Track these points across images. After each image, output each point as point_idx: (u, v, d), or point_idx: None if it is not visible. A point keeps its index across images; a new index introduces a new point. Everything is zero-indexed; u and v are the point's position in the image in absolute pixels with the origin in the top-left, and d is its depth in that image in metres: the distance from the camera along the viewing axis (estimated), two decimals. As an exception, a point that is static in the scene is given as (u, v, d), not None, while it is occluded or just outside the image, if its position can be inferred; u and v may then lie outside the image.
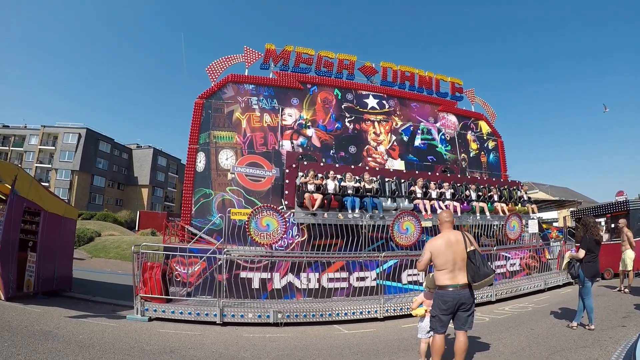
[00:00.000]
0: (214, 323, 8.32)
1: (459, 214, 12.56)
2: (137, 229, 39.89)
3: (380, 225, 11.55)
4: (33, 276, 9.56)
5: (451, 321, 4.72)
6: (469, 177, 14.74)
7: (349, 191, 11.54)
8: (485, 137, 16.85)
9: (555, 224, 34.14)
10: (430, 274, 5.11)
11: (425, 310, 5.30)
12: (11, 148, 62.16)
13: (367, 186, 11.86)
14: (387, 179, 12.69)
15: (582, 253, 7.23)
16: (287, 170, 12.15)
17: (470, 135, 16.43)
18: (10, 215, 8.62)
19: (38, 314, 7.71)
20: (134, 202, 67.09)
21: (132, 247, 9.17)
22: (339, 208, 11.46)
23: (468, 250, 4.60)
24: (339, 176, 11.92)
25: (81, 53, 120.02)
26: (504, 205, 13.68)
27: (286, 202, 11.99)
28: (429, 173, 14.07)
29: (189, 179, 12.18)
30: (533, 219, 14.06)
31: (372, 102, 14.73)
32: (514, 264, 13.52)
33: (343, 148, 13.85)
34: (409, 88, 15.84)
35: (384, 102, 14.90)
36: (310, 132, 13.56)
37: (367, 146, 14.28)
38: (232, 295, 9.36)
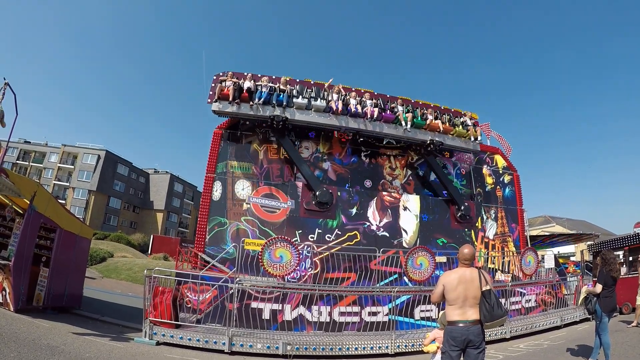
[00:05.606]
0: (222, 352, 8.28)
1: (378, 120, 13.20)
2: (149, 252, 40.08)
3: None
4: (44, 291, 9.66)
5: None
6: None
7: (263, 89, 12.40)
8: (500, 171, 16.74)
9: (572, 258, 33.55)
10: (443, 311, 5.06)
11: (437, 347, 5.23)
12: (31, 163, 63.59)
13: (282, 87, 12.73)
14: (307, 89, 13.34)
15: (599, 288, 7.12)
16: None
17: (485, 170, 16.32)
18: (27, 230, 8.78)
19: (46, 329, 7.75)
20: (148, 226, 67.71)
21: (145, 271, 9.26)
22: (248, 99, 12.22)
23: (483, 289, 4.54)
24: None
25: (111, 72, 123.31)
26: (439, 122, 14.01)
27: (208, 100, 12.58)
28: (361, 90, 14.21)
29: (204, 206, 12.25)
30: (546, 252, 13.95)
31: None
32: (530, 299, 13.25)
33: (359, 182, 13.85)
34: (425, 123, 15.86)
35: (401, 136, 14.94)
36: (326, 165, 13.62)
37: (383, 180, 14.25)
38: (241, 325, 9.30)
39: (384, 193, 13.93)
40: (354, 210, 13.33)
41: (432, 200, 14.60)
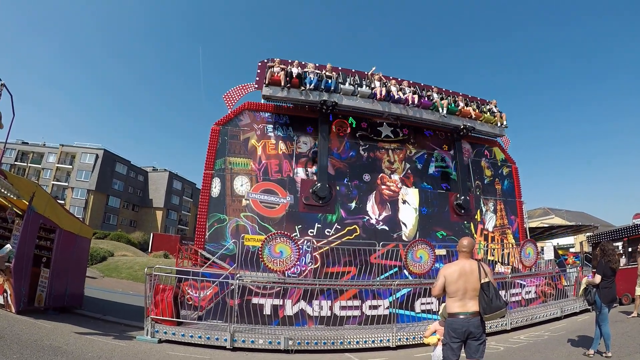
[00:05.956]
0: (224, 348, 8.30)
1: (417, 107, 13.99)
2: (150, 250, 40.11)
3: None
4: (45, 291, 9.63)
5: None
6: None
7: (310, 75, 12.91)
8: (499, 164, 16.77)
9: (571, 250, 33.65)
10: (445, 304, 5.07)
11: (438, 339, 5.26)
12: (29, 164, 63.51)
13: (328, 74, 13.24)
14: (351, 76, 14.02)
15: (598, 278, 7.15)
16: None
17: (484, 162, 16.36)
18: (26, 231, 8.73)
19: (48, 329, 7.73)
20: (148, 224, 67.71)
21: (145, 269, 9.26)
22: (299, 85, 12.70)
23: (482, 281, 4.56)
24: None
25: (104, 73, 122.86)
26: (470, 109, 14.92)
27: (256, 86, 13.71)
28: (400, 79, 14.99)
29: (203, 203, 12.26)
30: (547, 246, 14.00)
31: (386, 130, 14.78)
32: (530, 291, 13.29)
33: (357, 176, 13.86)
34: (423, 116, 15.88)
35: (398, 130, 14.95)
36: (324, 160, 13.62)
37: (381, 174, 14.27)
38: (243, 321, 9.33)
39: (383, 187, 13.95)
40: (353, 205, 13.36)
41: (431, 193, 14.63)
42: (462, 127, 14.69)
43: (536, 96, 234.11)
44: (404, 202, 14.03)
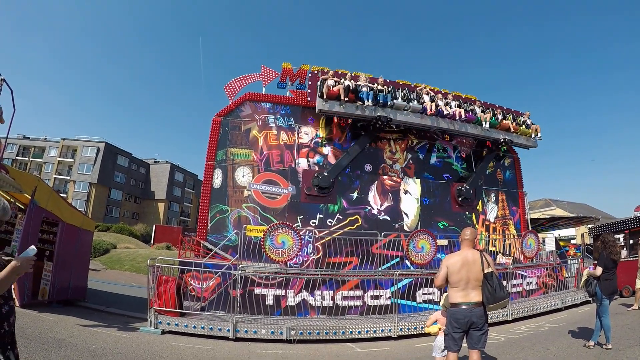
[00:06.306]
0: (226, 338, 8.32)
1: (463, 120, 14.19)
2: (152, 242, 40.17)
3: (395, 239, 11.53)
4: (48, 285, 9.70)
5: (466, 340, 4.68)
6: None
7: (364, 88, 12.90)
8: (501, 155, 16.72)
9: (573, 241, 33.67)
10: (446, 294, 5.08)
11: (439, 329, 5.27)
12: (31, 159, 63.61)
13: (380, 87, 13.24)
14: (397, 89, 13.91)
15: (599, 270, 7.14)
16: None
17: (486, 153, 16.31)
18: (29, 225, 8.77)
19: (52, 322, 7.80)
20: (150, 216, 67.91)
21: (148, 261, 9.27)
22: (355, 100, 12.74)
23: (485, 272, 4.56)
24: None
25: (103, 69, 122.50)
26: (509, 122, 15.19)
27: (309, 98, 13.60)
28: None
29: (205, 195, 12.27)
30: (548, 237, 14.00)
31: (388, 120, 14.70)
32: (531, 282, 13.34)
33: (359, 166, 13.87)
34: (425, 106, 15.82)
35: (400, 120, 14.88)
36: (326, 150, 13.61)
37: (383, 164, 14.25)
38: (245, 311, 9.35)
39: (385, 177, 13.94)
40: (354, 195, 13.36)
41: (433, 183, 14.61)
42: (501, 140, 14.97)
43: (538, 89, 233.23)
44: (406, 192, 14.03)
